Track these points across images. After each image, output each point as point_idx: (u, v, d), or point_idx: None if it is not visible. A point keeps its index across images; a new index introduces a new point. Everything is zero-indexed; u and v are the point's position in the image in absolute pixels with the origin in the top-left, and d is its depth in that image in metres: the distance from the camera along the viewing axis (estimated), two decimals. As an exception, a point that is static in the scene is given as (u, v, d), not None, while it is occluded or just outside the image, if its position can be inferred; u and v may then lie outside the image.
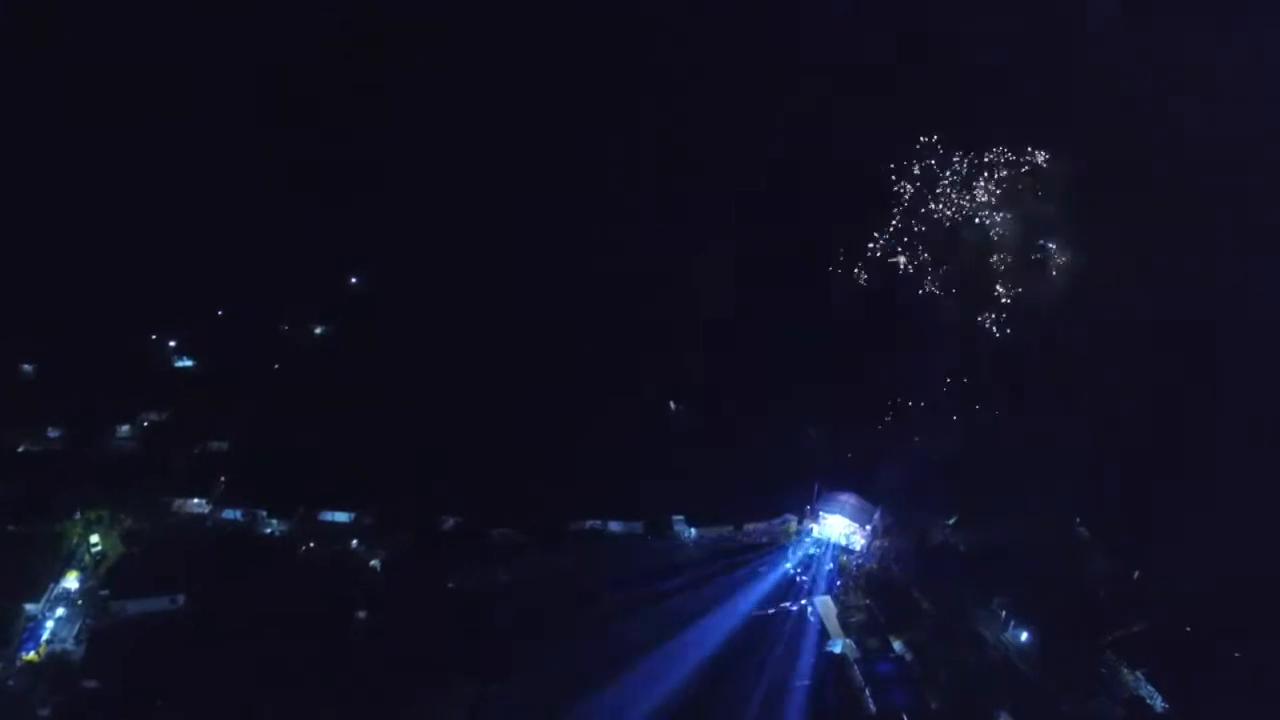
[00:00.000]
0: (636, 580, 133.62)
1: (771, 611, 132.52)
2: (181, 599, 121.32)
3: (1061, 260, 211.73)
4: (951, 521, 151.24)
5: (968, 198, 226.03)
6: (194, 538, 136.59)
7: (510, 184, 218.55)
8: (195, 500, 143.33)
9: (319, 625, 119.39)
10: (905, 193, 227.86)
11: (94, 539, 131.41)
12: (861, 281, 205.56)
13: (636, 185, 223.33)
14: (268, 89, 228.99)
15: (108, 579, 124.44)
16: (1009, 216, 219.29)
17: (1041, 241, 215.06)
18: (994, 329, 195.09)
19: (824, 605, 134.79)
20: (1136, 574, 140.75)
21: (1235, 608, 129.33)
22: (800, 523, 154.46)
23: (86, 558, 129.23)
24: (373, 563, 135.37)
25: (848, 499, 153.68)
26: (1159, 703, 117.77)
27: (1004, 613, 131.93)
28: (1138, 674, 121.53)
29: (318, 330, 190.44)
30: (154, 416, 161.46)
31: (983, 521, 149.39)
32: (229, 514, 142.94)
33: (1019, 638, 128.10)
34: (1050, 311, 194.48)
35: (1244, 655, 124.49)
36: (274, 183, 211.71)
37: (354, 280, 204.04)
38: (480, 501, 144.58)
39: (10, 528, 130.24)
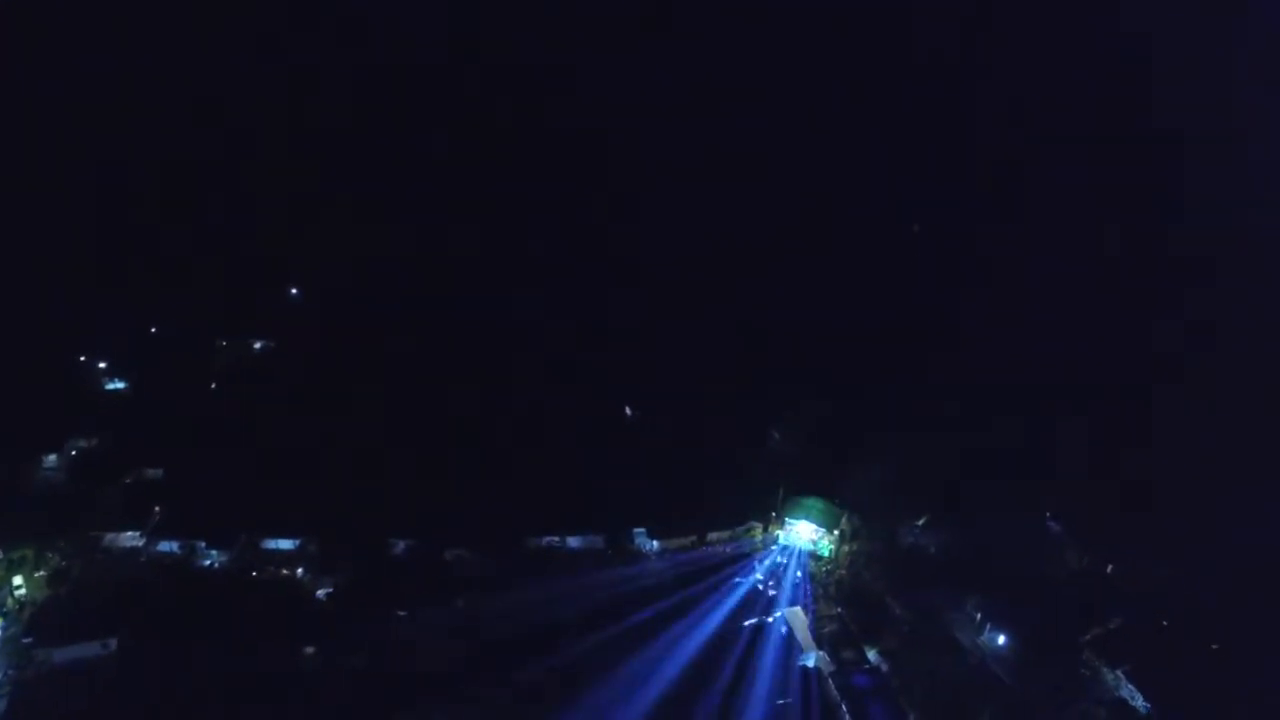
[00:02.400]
0: (597, 598, 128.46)
1: (740, 626, 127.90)
2: (114, 643, 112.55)
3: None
4: (921, 522, 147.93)
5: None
6: (127, 575, 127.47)
7: (453, 189, 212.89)
8: (128, 533, 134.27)
9: (264, 663, 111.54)
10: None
11: (16, 581, 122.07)
12: (825, 281, 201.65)
13: (588, 181, 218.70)
14: (198, 99, 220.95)
15: (32, 625, 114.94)
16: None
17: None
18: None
19: (794, 616, 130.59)
20: (1110, 568, 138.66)
21: (1211, 599, 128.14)
22: (766, 530, 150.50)
23: (9, 601, 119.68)
24: (320, 592, 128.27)
25: (814, 503, 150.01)
26: (1141, 702, 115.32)
27: (979, 615, 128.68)
28: (1118, 673, 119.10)
29: (256, 346, 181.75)
30: (83, 444, 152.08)
31: (953, 521, 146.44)
32: (165, 547, 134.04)
33: (995, 641, 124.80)
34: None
35: (1222, 647, 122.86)
36: (207, 192, 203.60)
37: (294, 292, 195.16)
38: (432, 522, 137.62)
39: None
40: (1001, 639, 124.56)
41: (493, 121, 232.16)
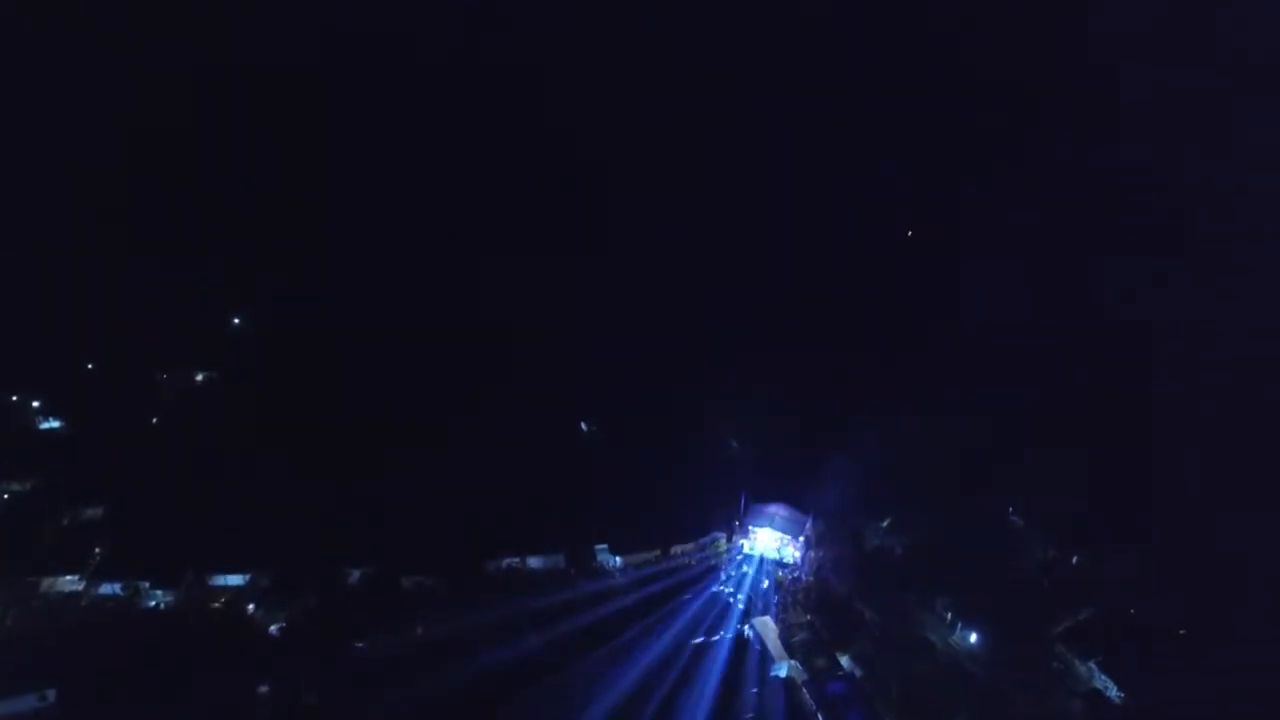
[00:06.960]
0: (562, 619, 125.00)
1: (710, 640, 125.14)
2: (53, 694, 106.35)
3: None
4: (885, 524, 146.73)
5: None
6: (67, 621, 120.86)
7: (397, 207, 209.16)
8: (67, 577, 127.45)
9: (216, 707, 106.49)
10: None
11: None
12: (777, 286, 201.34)
13: (547, 193, 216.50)
14: (129, 117, 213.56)
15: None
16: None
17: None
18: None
19: (763, 626, 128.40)
20: (1075, 560, 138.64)
21: (1175, 587, 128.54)
22: (730, 540, 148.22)
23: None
24: (273, 628, 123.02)
25: (777, 510, 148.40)
26: (1114, 692, 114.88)
27: (949, 614, 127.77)
28: (1090, 665, 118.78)
29: (198, 377, 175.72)
30: (16, 487, 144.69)
31: (917, 521, 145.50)
32: (107, 589, 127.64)
33: (968, 639, 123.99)
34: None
35: (1189, 633, 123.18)
36: (142, 216, 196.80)
37: (235, 321, 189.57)
38: (387, 549, 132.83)
39: None
40: (973, 637, 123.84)
41: (443, 130, 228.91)
